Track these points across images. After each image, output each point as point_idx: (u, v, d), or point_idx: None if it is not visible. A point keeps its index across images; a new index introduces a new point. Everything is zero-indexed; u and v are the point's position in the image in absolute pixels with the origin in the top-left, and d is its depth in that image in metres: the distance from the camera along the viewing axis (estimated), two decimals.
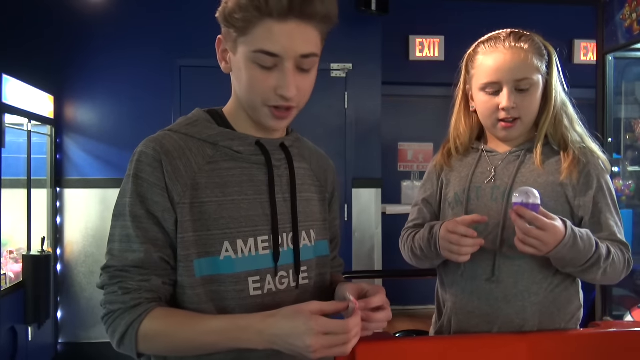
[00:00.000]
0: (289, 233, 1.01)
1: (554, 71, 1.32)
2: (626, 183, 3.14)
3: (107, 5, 3.89)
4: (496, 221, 1.30)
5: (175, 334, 0.91)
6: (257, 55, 0.91)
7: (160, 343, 0.93)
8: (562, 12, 4.57)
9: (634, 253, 1.32)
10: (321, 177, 1.13)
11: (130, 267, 0.93)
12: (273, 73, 0.92)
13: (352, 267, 4.07)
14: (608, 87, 2.88)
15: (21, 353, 3.19)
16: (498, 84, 1.29)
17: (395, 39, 4.66)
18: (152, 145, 0.95)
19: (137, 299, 0.92)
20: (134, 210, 0.94)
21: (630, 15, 2.67)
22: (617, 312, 2.89)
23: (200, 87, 3.77)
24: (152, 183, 0.93)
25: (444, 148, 1.44)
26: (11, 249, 3.37)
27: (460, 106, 1.41)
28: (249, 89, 0.94)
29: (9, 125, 3.16)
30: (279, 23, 0.89)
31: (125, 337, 0.92)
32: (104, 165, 3.89)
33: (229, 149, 0.98)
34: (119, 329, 0.92)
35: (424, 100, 4.92)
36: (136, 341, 0.91)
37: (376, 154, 4.19)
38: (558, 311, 1.32)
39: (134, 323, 0.91)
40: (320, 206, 1.10)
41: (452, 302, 1.36)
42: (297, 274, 1.02)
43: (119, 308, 0.93)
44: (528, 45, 1.29)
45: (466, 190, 1.34)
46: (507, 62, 1.28)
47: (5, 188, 3.04)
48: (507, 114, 1.29)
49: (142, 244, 0.93)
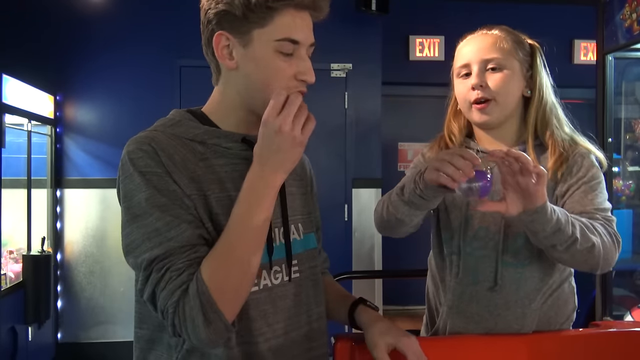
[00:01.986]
0: (280, 227, 1.03)
1: (538, 66, 1.32)
2: (626, 183, 3.13)
3: (107, 5, 3.90)
4: (497, 227, 1.28)
5: (228, 245, 0.88)
6: (281, 43, 0.94)
7: (223, 264, 0.87)
8: (562, 12, 4.57)
9: (634, 253, 1.31)
10: (300, 172, 1.15)
11: (175, 249, 0.88)
12: (292, 60, 0.96)
13: (352, 267, 4.07)
14: (608, 87, 2.88)
15: (21, 353, 3.19)
16: (468, 65, 1.30)
17: (395, 39, 4.66)
18: (144, 141, 0.93)
19: (194, 273, 0.87)
20: (156, 201, 0.89)
21: (630, 15, 2.67)
22: (617, 312, 2.89)
23: (200, 87, 3.75)
24: (161, 174, 0.91)
25: (439, 143, 1.42)
26: (11, 249, 3.37)
27: (452, 106, 1.41)
28: (270, 79, 0.95)
29: (9, 125, 3.16)
30: (298, 12, 0.94)
31: (203, 304, 0.85)
32: (104, 165, 3.89)
33: (218, 146, 0.98)
34: (195, 305, 0.85)
35: (424, 100, 4.91)
36: (211, 297, 0.85)
37: (376, 154, 4.19)
38: (555, 314, 1.32)
39: (198, 282, 0.86)
40: (303, 200, 1.13)
41: (448, 307, 1.34)
42: (290, 267, 1.03)
43: (180, 290, 0.86)
44: (499, 31, 1.31)
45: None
46: (476, 44, 1.31)
47: (5, 188, 3.04)
48: (477, 94, 1.28)
49: (178, 225, 0.88)
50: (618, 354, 1.28)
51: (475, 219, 1.30)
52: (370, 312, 1.13)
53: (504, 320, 1.29)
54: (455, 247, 1.32)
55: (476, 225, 1.30)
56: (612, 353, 1.27)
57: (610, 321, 2.42)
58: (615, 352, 1.28)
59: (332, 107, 4.04)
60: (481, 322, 1.30)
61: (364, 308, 1.13)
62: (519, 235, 1.27)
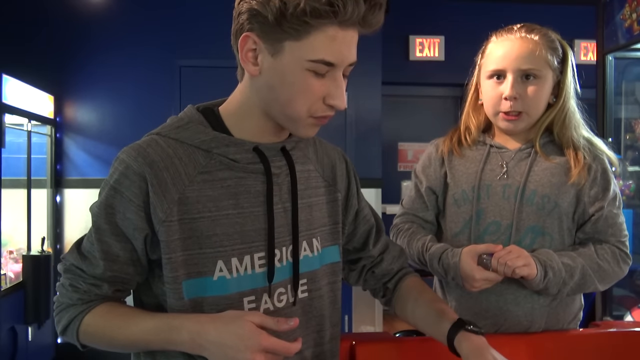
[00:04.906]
0: (289, 246, 0.94)
1: (569, 71, 1.29)
2: (626, 183, 3.13)
3: (107, 5, 3.89)
4: (508, 221, 1.28)
5: (111, 332, 0.91)
6: (314, 64, 0.83)
7: (98, 339, 0.93)
8: (562, 12, 4.56)
9: (634, 253, 1.32)
10: (329, 175, 1.04)
11: (85, 271, 0.92)
12: (324, 81, 0.86)
13: None
14: (608, 87, 2.88)
15: (21, 353, 3.19)
16: (503, 71, 1.26)
17: (395, 39, 4.66)
18: (135, 154, 0.87)
19: (83, 299, 0.93)
20: (98, 222, 0.89)
21: (630, 15, 2.67)
22: (617, 312, 2.89)
23: (200, 87, 3.77)
24: (128, 198, 0.86)
25: (454, 134, 1.39)
26: (11, 249, 3.37)
27: (472, 99, 1.37)
28: (297, 97, 0.86)
29: (9, 125, 3.16)
30: (343, 31, 0.83)
31: (67, 330, 0.94)
32: (104, 165, 3.89)
33: (224, 157, 0.89)
34: (62, 321, 0.94)
35: (424, 100, 4.91)
36: (77, 335, 0.93)
37: (376, 154, 4.18)
38: (563, 311, 1.32)
39: (75, 319, 0.92)
40: (329, 209, 1.02)
41: (457, 303, 1.35)
42: (295, 289, 0.94)
43: (64, 302, 0.94)
44: (539, 37, 1.26)
45: (475, 188, 1.30)
46: (514, 50, 1.25)
47: (5, 188, 3.04)
48: (510, 106, 1.25)
49: (100, 259, 0.90)
50: (618, 354, 1.28)
51: (487, 213, 1.30)
52: (473, 340, 0.97)
53: (513, 316, 1.29)
54: (465, 241, 1.32)
55: (488, 220, 1.30)
56: (612, 353, 1.27)
57: (610, 321, 2.42)
58: (615, 352, 1.28)
59: None
60: (490, 318, 1.30)
61: (465, 335, 0.98)
62: (530, 230, 1.27)
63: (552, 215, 1.27)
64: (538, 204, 1.27)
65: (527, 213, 1.27)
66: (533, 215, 1.27)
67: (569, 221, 1.29)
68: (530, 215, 1.27)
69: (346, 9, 0.80)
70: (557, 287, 1.22)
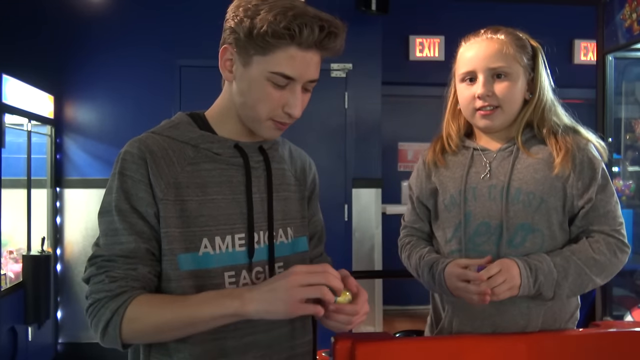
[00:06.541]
0: (265, 231, 1.07)
1: (540, 67, 1.33)
2: (626, 183, 3.14)
3: (107, 5, 3.89)
4: (497, 221, 1.29)
5: (160, 311, 0.94)
6: (274, 76, 0.97)
7: (146, 323, 0.94)
8: (562, 12, 4.57)
9: (635, 253, 1.32)
10: (300, 176, 1.18)
11: (117, 257, 0.96)
12: (284, 92, 1.00)
13: (352, 267, 4.06)
14: (608, 87, 2.88)
15: (21, 353, 3.19)
16: (474, 72, 1.31)
17: (395, 39, 4.66)
18: (137, 144, 1.00)
19: (124, 286, 0.95)
20: (119, 205, 0.97)
21: (630, 15, 2.67)
22: (617, 312, 2.89)
23: (200, 87, 3.75)
24: (137, 179, 0.98)
25: (436, 144, 1.43)
26: (11, 249, 3.37)
27: (451, 106, 1.42)
28: (258, 103, 1.00)
29: (9, 125, 3.16)
30: (302, 51, 0.97)
31: (110, 324, 0.93)
32: (104, 165, 3.89)
33: (209, 151, 1.03)
34: (103, 317, 0.94)
35: (424, 100, 4.90)
36: (120, 329, 0.93)
37: (376, 154, 4.18)
38: (560, 310, 1.32)
39: (119, 309, 0.93)
40: (299, 205, 1.16)
41: (453, 304, 1.35)
42: (272, 269, 1.06)
43: (104, 296, 0.95)
44: (504, 36, 1.31)
45: (462, 192, 1.34)
46: (482, 50, 1.31)
47: (5, 188, 3.04)
48: (483, 102, 1.29)
49: (129, 235, 0.97)
50: (618, 354, 1.28)
51: (475, 215, 1.32)
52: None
53: (510, 315, 1.30)
54: (457, 244, 1.33)
55: (477, 221, 1.31)
56: (612, 353, 1.28)
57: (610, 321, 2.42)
58: (615, 352, 1.28)
59: (332, 107, 4.03)
60: (487, 318, 1.31)
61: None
62: (520, 228, 1.28)
63: (540, 212, 1.28)
64: (524, 202, 1.28)
65: (515, 212, 1.28)
66: (521, 213, 1.28)
67: (558, 215, 1.29)
68: (518, 214, 1.28)
69: (302, 34, 0.94)
70: (551, 289, 1.23)
